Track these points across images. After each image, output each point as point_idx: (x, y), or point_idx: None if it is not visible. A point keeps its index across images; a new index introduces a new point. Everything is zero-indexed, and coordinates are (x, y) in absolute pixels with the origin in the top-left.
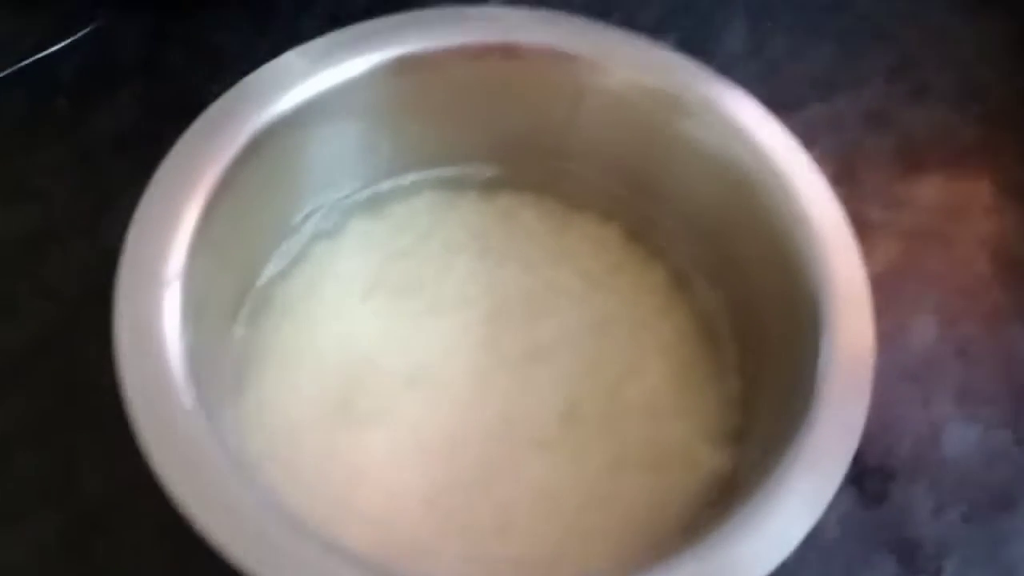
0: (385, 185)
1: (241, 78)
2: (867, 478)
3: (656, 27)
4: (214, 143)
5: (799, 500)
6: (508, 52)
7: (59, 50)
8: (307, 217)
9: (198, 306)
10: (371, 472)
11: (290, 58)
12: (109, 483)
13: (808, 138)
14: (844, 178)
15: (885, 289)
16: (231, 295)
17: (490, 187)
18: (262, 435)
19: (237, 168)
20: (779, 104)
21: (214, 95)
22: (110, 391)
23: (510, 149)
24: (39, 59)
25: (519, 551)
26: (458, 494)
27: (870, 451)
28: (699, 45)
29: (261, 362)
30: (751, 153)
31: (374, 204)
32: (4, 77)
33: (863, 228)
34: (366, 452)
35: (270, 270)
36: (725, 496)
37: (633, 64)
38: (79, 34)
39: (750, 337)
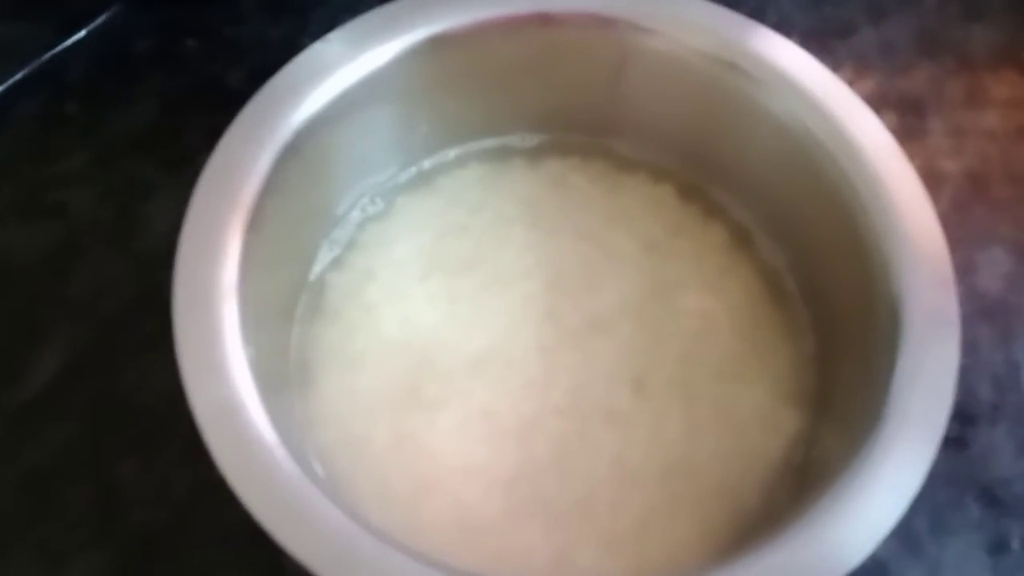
0: (428, 162)
1: (257, 67)
2: (948, 424)
3: None
4: (254, 146)
5: (894, 476)
6: (543, 21)
7: (67, 49)
8: (353, 204)
9: (257, 312)
10: (444, 456)
11: (318, 49)
12: (158, 508)
13: (861, 66)
14: (903, 104)
15: (951, 223)
16: (287, 293)
17: (536, 154)
18: (333, 426)
19: (278, 169)
20: (830, 31)
21: (231, 85)
22: (150, 410)
23: (554, 117)
24: (47, 61)
25: (602, 527)
26: (535, 473)
27: None
28: None
29: (324, 354)
30: (810, 110)
31: (420, 181)
32: (12, 84)
33: (926, 156)
34: (438, 436)
35: (321, 261)
36: (811, 464)
37: (678, 24)
38: (86, 30)
39: (820, 293)
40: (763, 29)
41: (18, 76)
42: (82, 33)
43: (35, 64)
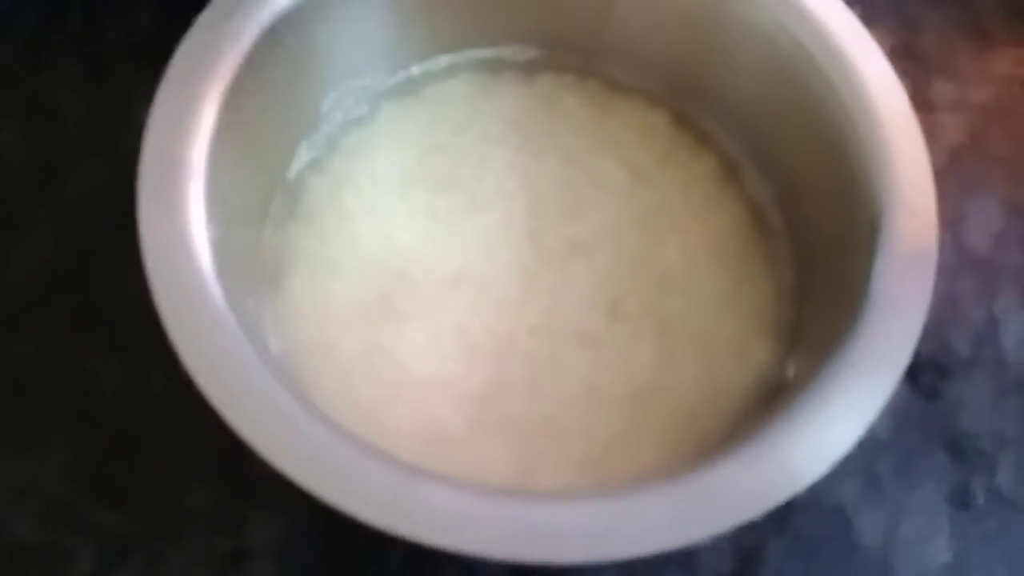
0: (417, 69)
1: None
2: (921, 372)
3: None
4: (231, 28)
5: (854, 399)
6: None
7: None
8: (336, 103)
9: (225, 199)
10: (414, 368)
11: None
12: (133, 408)
13: (867, 13)
14: (906, 56)
15: (948, 172)
16: (262, 189)
17: (530, 69)
18: (302, 330)
19: (258, 52)
20: None
21: None
22: (131, 311)
23: (549, 31)
24: None
25: (567, 448)
26: (504, 390)
27: (925, 344)
28: None
29: (297, 257)
30: (808, 30)
31: (407, 89)
32: None
33: (926, 108)
34: (408, 348)
35: (300, 161)
36: (778, 391)
37: None
38: None
39: (803, 227)
40: None
41: None
42: None
43: None
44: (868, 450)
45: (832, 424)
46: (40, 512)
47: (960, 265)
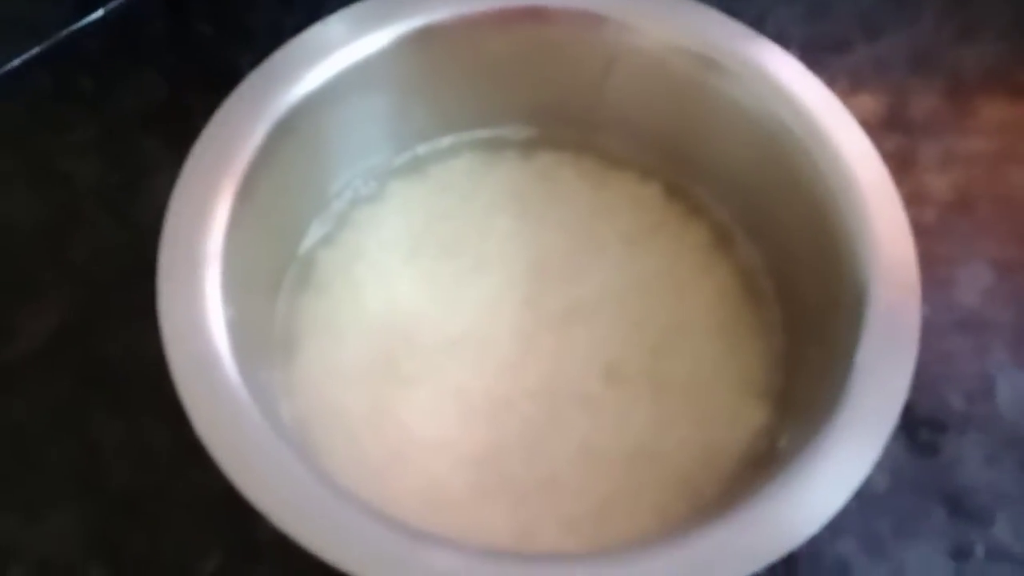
0: (422, 149)
1: (267, 53)
2: (918, 429)
3: None
4: (248, 119)
5: (844, 459)
6: (536, 16)
7: (84, 27)
8: (347, 184)
9: (242, 279)
10: (417, 429)
11: (317, 31)
12: (137, 468)
13: (855, 81)
14: (894, 122)
15: (938, 236)
16: (275, 264)
17: (528, 147)
18: (313, 396)
19: (272, 143)
20: (825, 47)
21: (242, 70)
22: (137, 374)
23: (546, 110)
24: (64, 37)
25: (565, 508)
26: (503, 452)
27: (922, 402)
28: None
29: (309, 326)
30: (789, 110)
31: (413, 167)
32: (29, 57)
33: (915, 173)
34: (412, 410)
35: (312, 237)
36: (770, 455)
37: (665, 24)
38: (104, 9)
39: (793, 294)
40: (749, 31)
41: (37, 50)
42: (100, 12)
43: (53, 39)
44: (868, 506)
45: (822, 486)
46: (39, 574)
47: (953, 323)
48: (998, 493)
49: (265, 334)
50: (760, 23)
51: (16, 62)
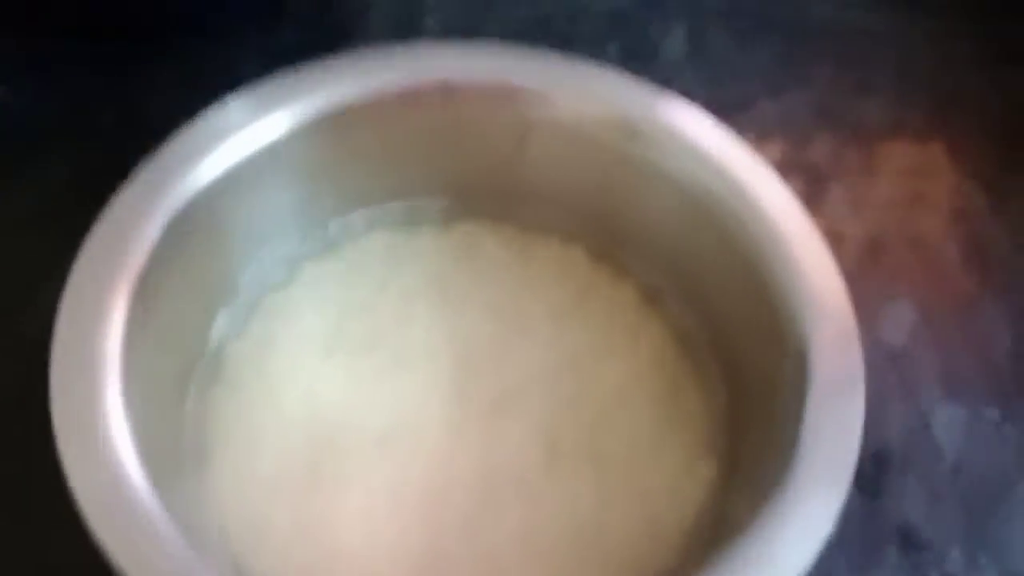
0: (333, 226)
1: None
2: (861, 470)
3: (596, 39)
4: (141, 215)
5: (803, 524)
6: (446, 92)
7: None
8: (254, 274)
9: (143, 384)
10: (349, 536)
11: (214, 115)
12: None
13: (761, 136)
14: (800, 174)
15: (855, 282)
16: (180, 366)
17: (446, 217)
18: (230, 506)
19: (170, 237)
20: (728, 104)
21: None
22: (37, 494)
23: (462, 183)
24: None
25: None
26: (442, 548)
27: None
28: (640, 52)
29: (221, 430)
30: (712, 171)
31: (325, 247)
32: None
33: (826, 224)
34: (342, 516)
35: (219, 329)
36: (719, 526)
37: (578, 92)
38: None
39: (731, 351)
40: (661, 91)
41: None
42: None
43: None
44: (822, 557)
45: (782, 554)
46: None
47: (882, 362)
48: (947, 527)
49: (175, 440)
50: (666, 85)
51: None
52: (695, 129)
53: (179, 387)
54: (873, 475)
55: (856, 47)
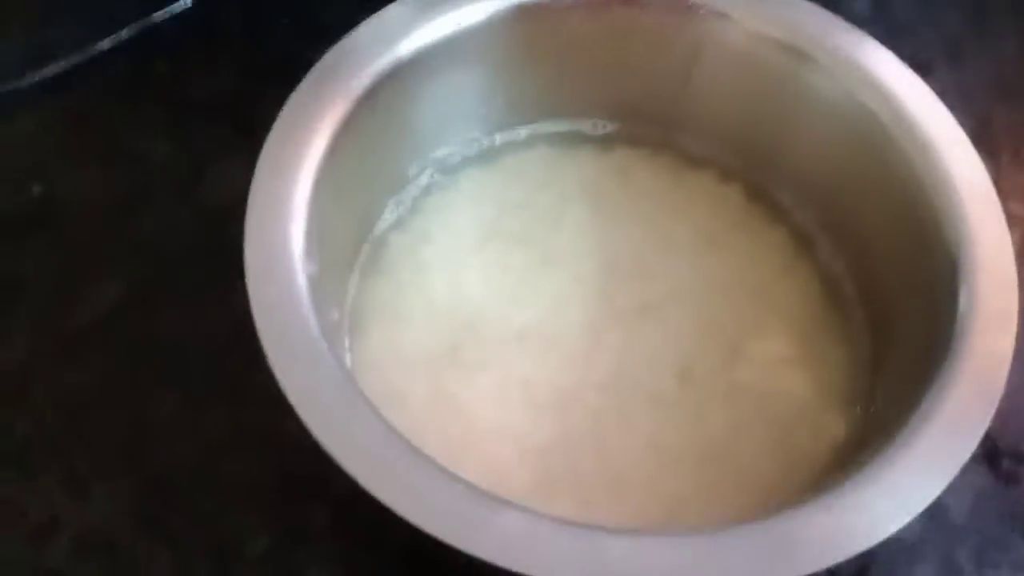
0: (499, 139)
1: None
2: (1001, 459)
3: None
4: (337, 85)
5: (933, 459)
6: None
7: (166, 17)
8: (422, 169)
9: (320, 242)
10: (480, 419)
11: (407, 4)
12: (190, 449)
13: None
14: (978, 148)
15: (1020, 261)
16: (350, 241)
17: (605, 142)
18: (376, 377)
19: (358, 111)
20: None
21: (314, 63)
22: (197, 352)
23: (627, 104)
24: (147, 25)
25: (633, 506)
26: (570, 445)
27: (1005, 434)
28: (824, 5)
29: (376, 308)
30: (880, 101)
31: (487, 157)
32: (106, 44)
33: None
34: (475, 398)
35: (386, 220)
36: (850, 460)
37: (756, 12)
38: (182, 2)
39: (879, 299)
40: (842, 23)
41: (120, 36)
42: (187, 2)
43: (135, 26)
44: (947, 534)
45: (910, 481)
46: (79, 544)
47: None
48: None
49: (338, 310)
50: None
51: (96, 48)
52: (872, 60)
53: (348, 262)
54: (1013, 464)
55: None
